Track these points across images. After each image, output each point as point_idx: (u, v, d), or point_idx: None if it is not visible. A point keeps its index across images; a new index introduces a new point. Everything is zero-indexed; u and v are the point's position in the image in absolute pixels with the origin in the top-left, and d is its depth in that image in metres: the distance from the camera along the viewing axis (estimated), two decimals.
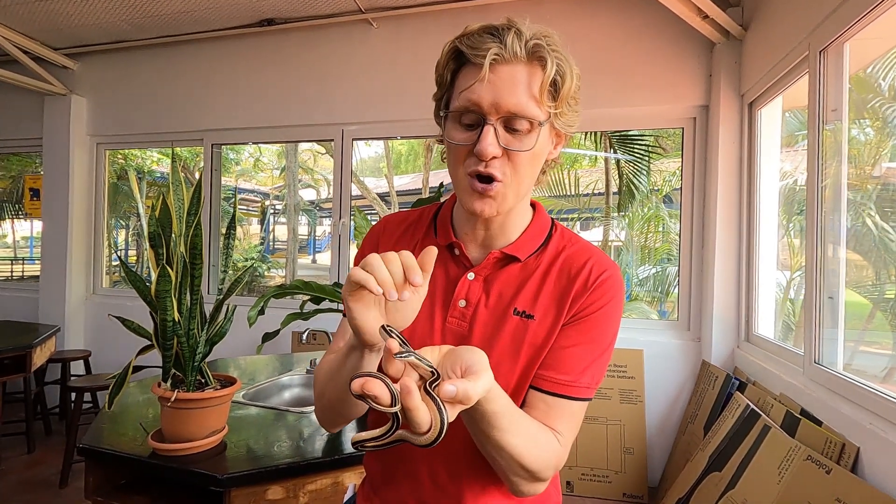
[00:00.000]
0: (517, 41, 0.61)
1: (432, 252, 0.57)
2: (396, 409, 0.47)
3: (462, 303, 0.72)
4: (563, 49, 0.64)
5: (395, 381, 0.49)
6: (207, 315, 1.26)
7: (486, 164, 0.63)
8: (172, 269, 1.13)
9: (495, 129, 0.62)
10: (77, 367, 3.33)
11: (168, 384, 1.20)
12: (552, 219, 0.78)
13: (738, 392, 2.06)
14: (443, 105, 0.69)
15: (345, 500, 0.90)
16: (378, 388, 0.46)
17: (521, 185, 0.67)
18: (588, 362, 0.68)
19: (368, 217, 2.00)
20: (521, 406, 0.69)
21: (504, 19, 0.63)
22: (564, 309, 0.69)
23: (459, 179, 0.67)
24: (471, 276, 0.72)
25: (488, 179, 0.64)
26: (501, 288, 0.72)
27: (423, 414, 0.46)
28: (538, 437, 0.63)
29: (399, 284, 0.55)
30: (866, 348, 2.89)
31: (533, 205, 0.77)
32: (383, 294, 0.53)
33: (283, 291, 1.57)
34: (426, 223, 0.80)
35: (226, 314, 1.27)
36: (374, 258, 0.55)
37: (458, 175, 0.67)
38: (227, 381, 1.30)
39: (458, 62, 0.66)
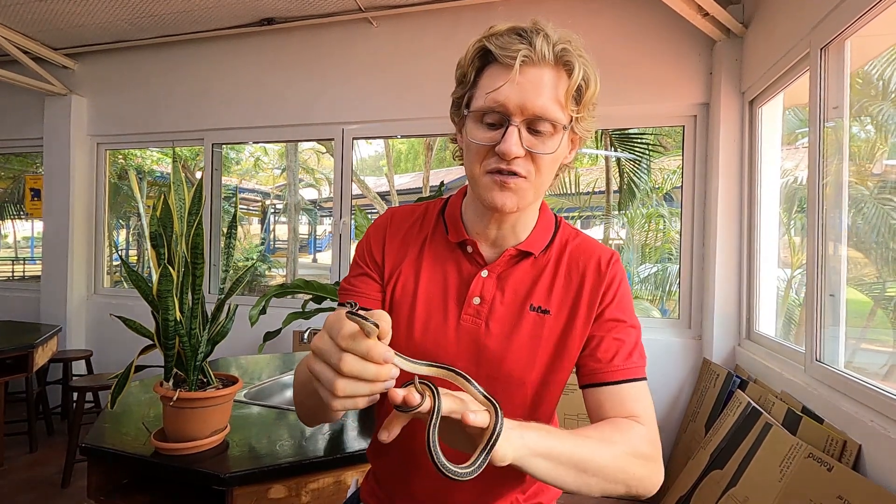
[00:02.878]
0: (546, 44, 0.62)
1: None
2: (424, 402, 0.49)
3: (476, 300, 0.72)
4: (587, 53, 0.65)
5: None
6: (209, 315, 1.26)
7: (507, 163, 0.64)
8: (174, 269, 1.13)
9: (519, 130, 0.63)
10: (78, 367, 3.33)
11: (170, 384, 1.20)
12: (554, 214, 0.80)
13: (739, 390, 2.06)
14: (464, 104, 0.68)
15: (348, 496, 0.90)
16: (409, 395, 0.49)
17: (542, 185, 0.68)
18: (631, 343, 0.71)
19: (369, 216, 2.00)
20: (589, 409, 0.71)
21: (530, 22, 0.64)
22: (584, 303, 0.71)
23: (478, 177, 0.67)
24: (484, 273, 0.73)
25: (510, 174, 0.65)
26: (516, 285, 0.73)
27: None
28: (613, 440, 0.62)
29: (383, 377, 0.48)
30: (868, 346, 2.89)
31: None
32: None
33: (284, 291, 1.58)
34: (433, 219, 0.79)
35: (227, 314, 1.27)
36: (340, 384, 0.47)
37: (476, 173, 0.67)
38: (229, 381, 1.30)
39: (483, 61, 0.66)
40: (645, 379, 0.71)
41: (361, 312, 0.46)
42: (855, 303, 3.02)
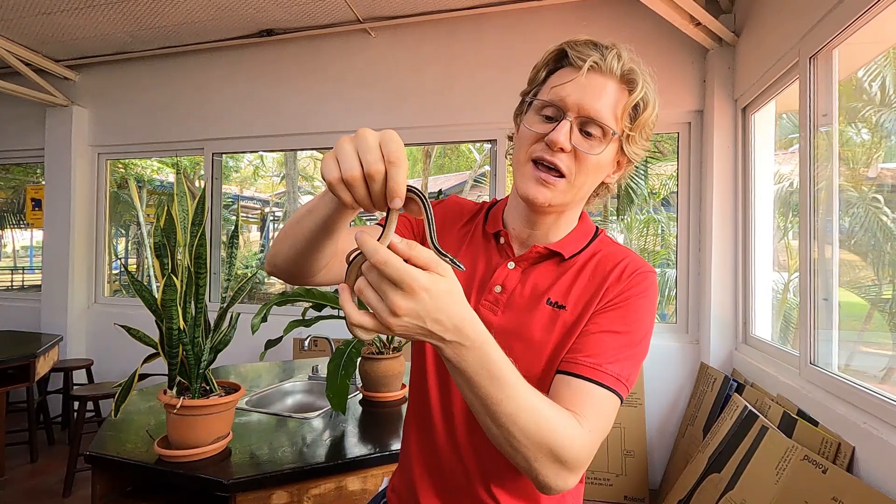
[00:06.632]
0: (616, 61, 0.66)
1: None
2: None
3: (497, 288, 0.74)
4: (653, 82, 0.69)
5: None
6: (211, 323, 1.28)
7: (552, 153, 0.66)
8: (178, 279, 1.15)
9: (571, 126, 0.66)
10: (79, 377, 3.34)
11: (174, 391, 1.22)
12: (596, 226, 0.80)
13: (736, 394, 2.07)
14: (529, 95, 0.72)
15: (379, 490, 0.93)
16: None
17: (580, 188, 0.69)
18: (616, 351, 0.65)
19: (367, 224, 2.03)
20: (548, 392, 0.65)
21: (609, 41, 0.68)
22: (597, 298, 0.69)
23: (521, 163, 0.70)
24: (511, 265, 0.75)
25: (551, 169, 0.67)
26: (537, 280, 0.74)
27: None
28: (552, 413, 0.57)
29: (378, 201, 0.49)
30: (865, 349, 2.90)
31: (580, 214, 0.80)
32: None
33: (286, 299, 1.60)
34: (481, 216, 0.83)
35: (230, 322, 1.29)
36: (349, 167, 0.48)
37: (521, 159, 0.70)
38: (232, 388, 1.32)
39: (557, 63, 0.70)
40: (616, 394, 0.63)
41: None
42: (852, 305, 3.04)
